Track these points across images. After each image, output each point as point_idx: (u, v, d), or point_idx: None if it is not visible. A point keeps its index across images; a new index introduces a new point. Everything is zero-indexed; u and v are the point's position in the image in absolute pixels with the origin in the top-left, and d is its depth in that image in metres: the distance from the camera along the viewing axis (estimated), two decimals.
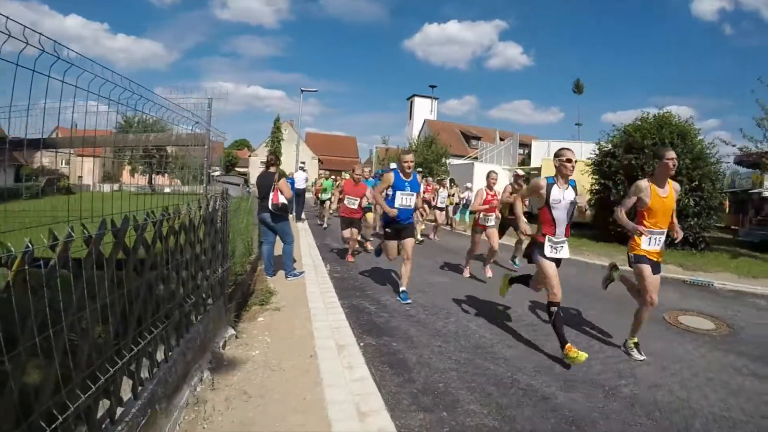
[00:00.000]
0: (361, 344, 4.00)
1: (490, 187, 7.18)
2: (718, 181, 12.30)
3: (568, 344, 3.68)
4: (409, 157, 5.71)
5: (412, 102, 54.72)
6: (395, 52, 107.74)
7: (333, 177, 15.92)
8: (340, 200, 8.87)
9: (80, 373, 1.70)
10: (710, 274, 8.49)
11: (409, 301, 5.46)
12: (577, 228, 14.01)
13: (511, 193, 7.41)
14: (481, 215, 7.12)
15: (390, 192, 5.67)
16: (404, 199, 5.54)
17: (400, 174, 5.60)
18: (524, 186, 6.95)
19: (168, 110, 2.81)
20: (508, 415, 2.87)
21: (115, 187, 4.38)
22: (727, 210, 22.22)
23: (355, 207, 8.06)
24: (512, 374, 3.48)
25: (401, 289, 5.66)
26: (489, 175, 7.31)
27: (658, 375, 3.64)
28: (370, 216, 9.66)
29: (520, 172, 7.96)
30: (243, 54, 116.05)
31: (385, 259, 6.30)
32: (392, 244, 5.75)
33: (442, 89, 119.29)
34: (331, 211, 16.26)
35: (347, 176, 13.21)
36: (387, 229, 5.71)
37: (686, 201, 11.10)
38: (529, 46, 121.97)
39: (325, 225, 14.11)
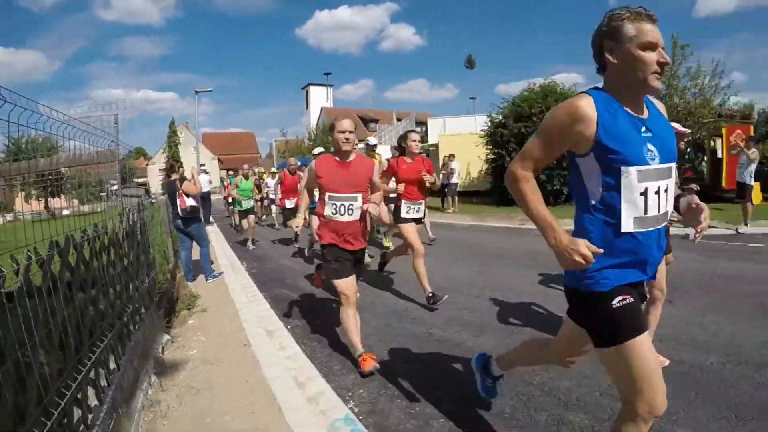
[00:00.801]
0: (289, 327, 4.32)
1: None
2: None
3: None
4: None
5: (307, 91, 54.38)
6: (287, 41, 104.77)
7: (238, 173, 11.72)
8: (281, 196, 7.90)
9: (54, 384, 1.87)
10: None
11: None
12: (479, 196, 15.32)
13: None
14: None
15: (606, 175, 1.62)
16: (657, 193, 1.62)
17: (621, 105, 1.62)
18: None
19: (80, 130, 2.86)
20: (428, 361, 3.39)
21: (9, 217, 4.13)
22: None
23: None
24: (427, 330, 4.02)
25: None
26: None
27: (556, 310, 4.26)
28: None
29: None
30: (130, 56, 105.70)
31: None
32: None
33: (337, 75, 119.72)
34: (266, 215, 14.23)
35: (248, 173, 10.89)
36: (622, 298, 1.61)
37: None
38: (421, 26, 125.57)
39: (251, 244, 9.56)
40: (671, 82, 12.21)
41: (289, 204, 9.07)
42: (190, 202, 6.15)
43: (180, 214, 6.12)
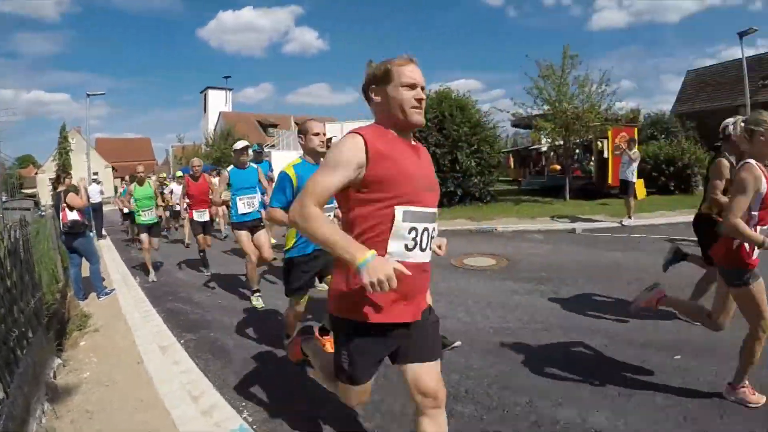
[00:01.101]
0: (182, 341, 4.31)
1: None
2: (496, 144, 14.85)
3: None
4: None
5: (205, 95, 51.84)
6: (188, 42, 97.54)
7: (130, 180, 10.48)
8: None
9: None
10: (494, 221, 10.28)
11: None
12: None
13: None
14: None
15: None
16: None
17: None
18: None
19: None
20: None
21: None
22: (513, 165, 26.82)
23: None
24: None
25: None
26: None
27: (445, 309, 4.53)
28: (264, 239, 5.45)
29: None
30: (22, 53, 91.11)
31: None
32: None
33: (238, 78, 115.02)
34: (175, 230, 12.64)
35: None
36: None
37: (468, 163, 13.34)
38: (324, 30, 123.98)
39: (152, 277, 7.26)
40: (561, 89, 13.23)
41: (199, 216, 7.33)
42: (72, 216, 5.76)
43: (61, 229, 5.75)
